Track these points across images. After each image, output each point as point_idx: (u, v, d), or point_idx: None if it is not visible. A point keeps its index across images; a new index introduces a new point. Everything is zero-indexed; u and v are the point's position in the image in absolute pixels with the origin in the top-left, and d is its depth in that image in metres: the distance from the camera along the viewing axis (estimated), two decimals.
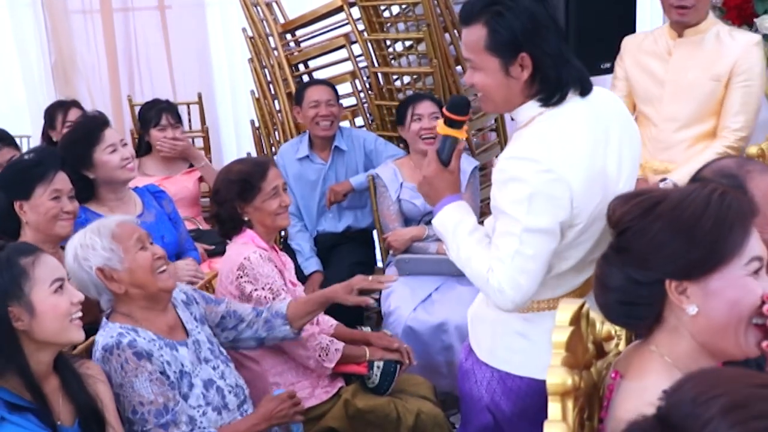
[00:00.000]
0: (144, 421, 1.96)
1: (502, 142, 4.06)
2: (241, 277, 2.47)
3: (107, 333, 2.03)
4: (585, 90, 1.75)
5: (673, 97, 2.88)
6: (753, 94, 2.81)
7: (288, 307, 2.37)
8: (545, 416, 1.27)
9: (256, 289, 2.47)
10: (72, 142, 2.85)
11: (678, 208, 1.29)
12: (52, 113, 3.93)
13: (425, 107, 3.41)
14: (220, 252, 3.17)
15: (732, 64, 2.79)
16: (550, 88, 1.72)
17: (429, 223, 3.38)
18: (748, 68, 2.79)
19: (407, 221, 3.49)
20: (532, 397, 1.83)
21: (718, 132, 2.86)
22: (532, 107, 1.74)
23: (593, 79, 1.84)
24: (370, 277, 2.41)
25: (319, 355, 2.53)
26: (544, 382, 1.78)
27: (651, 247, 1.29)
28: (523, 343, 1.85)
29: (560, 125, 1.70)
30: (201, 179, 3.84)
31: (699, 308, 1.28)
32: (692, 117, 2.87)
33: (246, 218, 2.58)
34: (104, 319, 2.11)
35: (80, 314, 1.82)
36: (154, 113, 3.77)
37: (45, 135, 3.97)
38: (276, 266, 2.56)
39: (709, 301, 1.28)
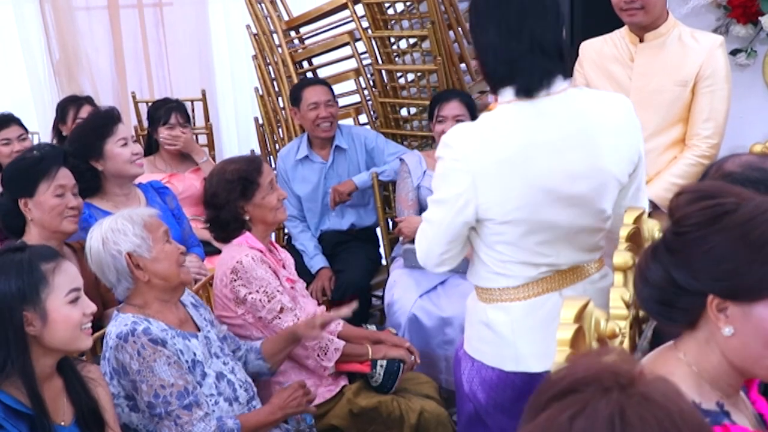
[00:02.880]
0: (167, 403, 1.98)
1: None
2: (235, 280, 2.47)
3: (120, 322, 2.04)
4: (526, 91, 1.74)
5: (639, 105, 2.64)
6: (721, 98, 2.70)
7: (262, 344, 2.44)
8: (520, 409, 1.25)
9: (250, 293, 2.46)
10: (84, 132, 2.85)
11: (748, 224, 1.18)
12: (65, 108, 3.95)
13: (450, 109, 3.39)
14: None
15: (697, 68, 2.67)
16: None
17: None
18: (714, 72, 2.68)
19: (422, 211, 3.49)
20: (504, 389, 1.85)
21: (688, 140, 2.76)
22: (507, 94, 1.77)
23: None
24: (332, 312, 2.51)
25: (318, 355, 2.54)
26: (513, 374, 1.82)
27: (707, 259, 1.20)
28: (488, 333, 1.87)
29: (495, 121, 1.76)
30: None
31: (735, 331, 1.20)
32: (660, 125, 2.75)
33: (247, 217, 2.57)
34: (115, 312, 2.13)
35: (90, 324, 1.82)
36: (164, 112, 3.78)
37: (55, 128, 3.99)
38: (270, 267, 2.54)
39: (748, 328, 1.19)
